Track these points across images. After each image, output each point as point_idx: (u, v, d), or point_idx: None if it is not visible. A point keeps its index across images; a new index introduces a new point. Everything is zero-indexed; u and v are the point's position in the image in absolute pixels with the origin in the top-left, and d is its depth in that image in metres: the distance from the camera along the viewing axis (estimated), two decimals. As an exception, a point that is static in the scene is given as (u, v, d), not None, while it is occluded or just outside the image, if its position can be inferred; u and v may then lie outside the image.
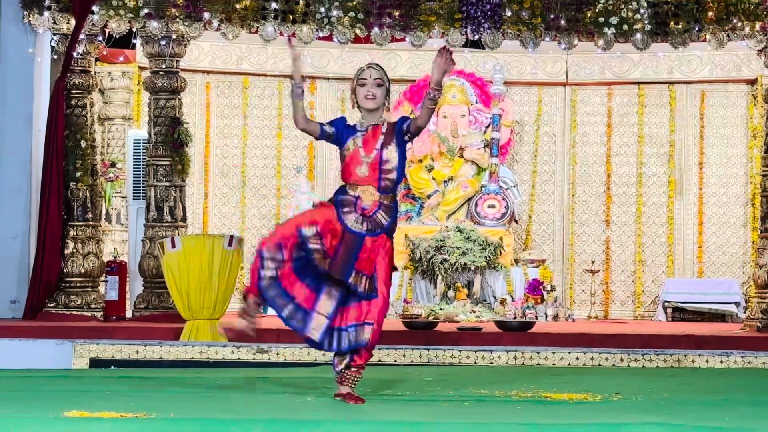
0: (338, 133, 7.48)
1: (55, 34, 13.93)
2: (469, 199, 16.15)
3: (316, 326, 7.26)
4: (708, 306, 15.92)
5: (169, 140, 14.02)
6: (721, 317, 15.81)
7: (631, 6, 13.82)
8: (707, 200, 16.99)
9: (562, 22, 13.88)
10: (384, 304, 7.37)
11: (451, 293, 15.03)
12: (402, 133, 7.44)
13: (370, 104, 7.45)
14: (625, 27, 13.83)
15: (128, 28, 13.86)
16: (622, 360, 10.13)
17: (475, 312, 14.44)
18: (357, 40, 14.25)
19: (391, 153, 7.42)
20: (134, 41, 14.28)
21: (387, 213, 7.42)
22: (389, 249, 7.46)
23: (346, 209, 7.37)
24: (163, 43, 13.95)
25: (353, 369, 7.35)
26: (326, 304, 7.29)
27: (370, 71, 7.48)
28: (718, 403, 7.43)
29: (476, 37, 13.99)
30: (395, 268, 7.70)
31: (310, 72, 16.93)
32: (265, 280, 7.26)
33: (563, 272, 16.99)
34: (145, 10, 13.66)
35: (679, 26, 13.86)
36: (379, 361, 10.08)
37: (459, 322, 13.82)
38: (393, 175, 7.43)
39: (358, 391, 7.36)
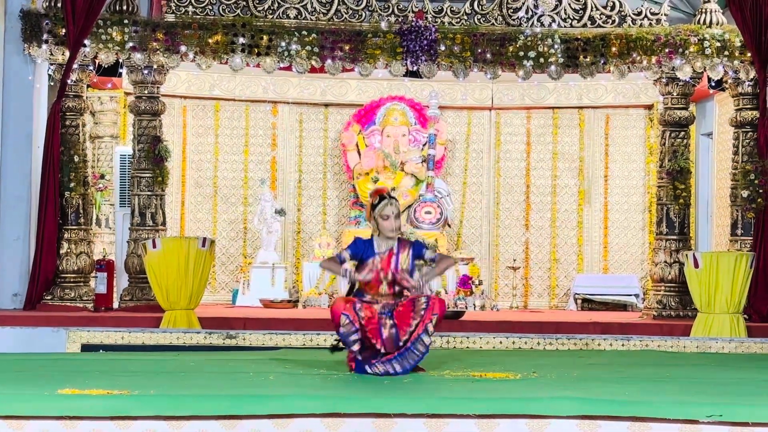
0: (360, 255, 7.65)
1: (51, 64, 13.83)
2: (409, 207, 16.15)
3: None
4: (612, 297, 15.99)
5: (151, 156, 13.97)
6: (622, 307, 15.89)
7: (546, 42, 13.89)
8: (611, 207, 17.08)
9: (488, 55, 13.93)
10: (438, 299, 7.62)
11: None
12: (417, 257, 7.70)
13: (393, 235, 7.66)
14: (542, 60, 13.91)
15: (115, 58, 13.81)
16: (538, 343, 10.16)
17: (414, 303, 14.40)
18: (313, 70, 14.23)
19: (404, 266, 7.64)
20: (121, 70, 14.18)
21: (402, 298, 7.66)
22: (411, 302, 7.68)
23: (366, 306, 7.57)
24: (145, 72, 13.90)
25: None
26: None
27: (391, 208, 7.66)
28: (620, 380, 7.46)
29: (415, 68, 14.02)
30: None
31: (272, 97, 16.91)
32: (356, 350, 7.51)
33: (489, 269, 17.01)
34: (130, 44, 13.61)
35: (587, 59, 13.94)
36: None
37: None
38: (405, 284, 7.66)
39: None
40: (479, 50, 13.90)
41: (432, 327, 7.55)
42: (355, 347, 7.48)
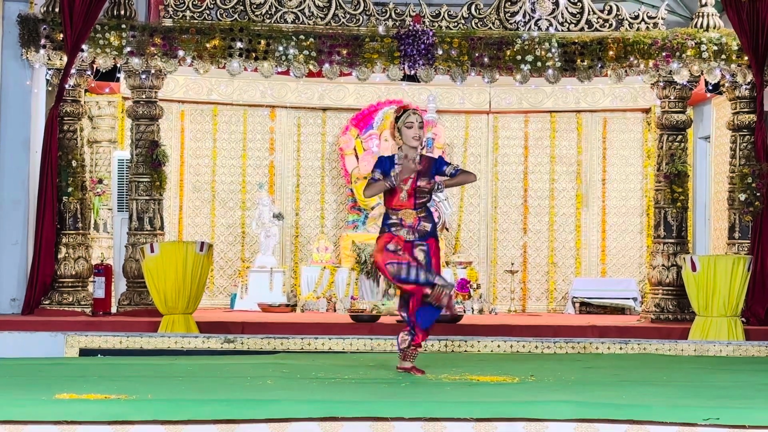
0: (386, 171, 7.86)
1: (49, 69, 13.83)
2: (407, 210, 16.13)
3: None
4: (610, 301, 16.00)
5: (149, 160, 13.96)
6: (620, 310, 15.90)
7: (543, 46, 13.89)
8: (609, 211, 17.09)
9: (486, 59, 13.93)
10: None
11: (391, 291, 15.02)
12: (438, 172, 7.93)
13: (417, 144, 7.89)
14: (539, 64, 13.91)
15: (113, 63, 13.80)
16: (536, 347, 10.16)
17: (412, 307, 14.40)
18: (311, 74, 14.23)
19: (424, 182, 7.89)
20: (118, 75, 14.17)
21: (427, 221, 7.89)
22: (437, 251, 7.98)
23: (395, 229, 7.86)
24: (143, 76, 13.89)
25: (413, 347, 7.98)
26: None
27: (415, 116, 7.93)
28: (617, 383, 7.46)
29: (412, 72, 14.02)
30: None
31: (270, 102, 16.93)
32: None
33: (487, 272, 17.02)
34: (128, 49, 13.61)
35: (585, 63, 13.95)
36: (329, 349, 10.05)
37: (398, 315, 13.79)
38: (425, 198, 7.92)
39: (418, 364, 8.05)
40: (477, 54, 13.90)
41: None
42: (423, 279, 7.77)
